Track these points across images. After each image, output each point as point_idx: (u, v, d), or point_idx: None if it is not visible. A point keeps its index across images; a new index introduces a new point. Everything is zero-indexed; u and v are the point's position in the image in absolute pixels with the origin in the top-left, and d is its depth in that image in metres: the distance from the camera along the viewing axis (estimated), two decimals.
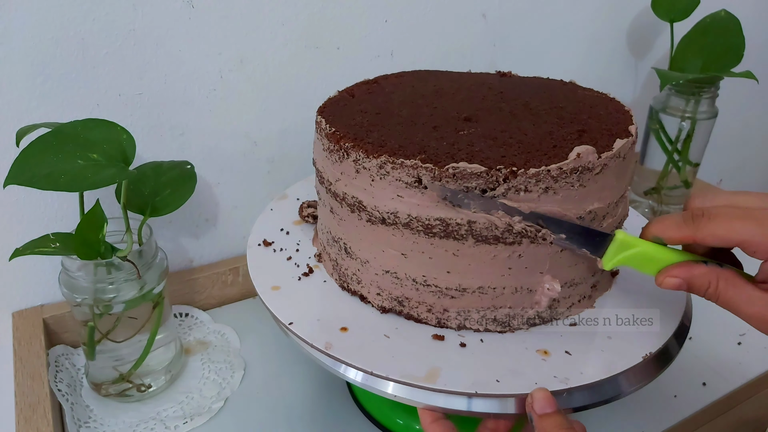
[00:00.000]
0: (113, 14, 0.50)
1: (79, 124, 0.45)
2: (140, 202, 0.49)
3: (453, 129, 0.39)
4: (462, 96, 0.45)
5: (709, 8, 0.72)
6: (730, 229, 0.32)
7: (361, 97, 0.46)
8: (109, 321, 0.47)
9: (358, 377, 0.36)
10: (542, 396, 0.34)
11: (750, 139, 1.11)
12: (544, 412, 0.33)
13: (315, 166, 0.45)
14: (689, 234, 0.33)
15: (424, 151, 0.36)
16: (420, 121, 0.41)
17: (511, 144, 0.37)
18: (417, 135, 0.38)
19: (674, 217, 0.35)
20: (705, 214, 0.33)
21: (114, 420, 0.49)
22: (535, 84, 0.49)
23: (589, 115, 0.41)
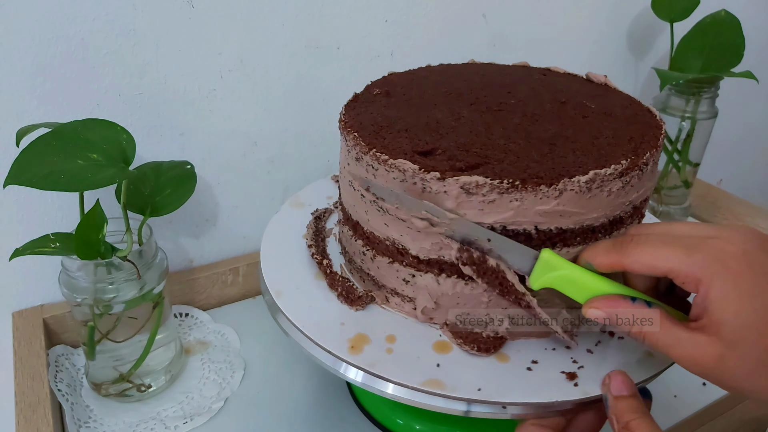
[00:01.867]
0: (113, 14, 0.50)
1: (79, 124, 0.45)
2: (140, 202, 0.49)
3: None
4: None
5: (709, 8, 0.72)
6: (656, 255, 0.31)
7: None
8: (109, 321, 0.47)
9: (359, 377, 0.36)
10: (620, 378, 0.33)
11: (750, 139, 1.11)
12: (620, 393, 0.33)
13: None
14: (616, 260, 0.32)
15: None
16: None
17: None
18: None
19: (605, 243, 0.34)
20: (633, 240, 0.32)
21: (114, 420, 0.49)
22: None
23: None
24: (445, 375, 0.36)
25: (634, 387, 0.33)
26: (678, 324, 0.31)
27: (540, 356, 0.37)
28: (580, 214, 0.35)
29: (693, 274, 0.30)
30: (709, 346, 0.29)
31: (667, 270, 0.31)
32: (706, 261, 0.30)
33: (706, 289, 0.30)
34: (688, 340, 0.30)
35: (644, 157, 0.36)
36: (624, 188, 0.35)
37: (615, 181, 0.34)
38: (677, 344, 0.30)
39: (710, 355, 0.29)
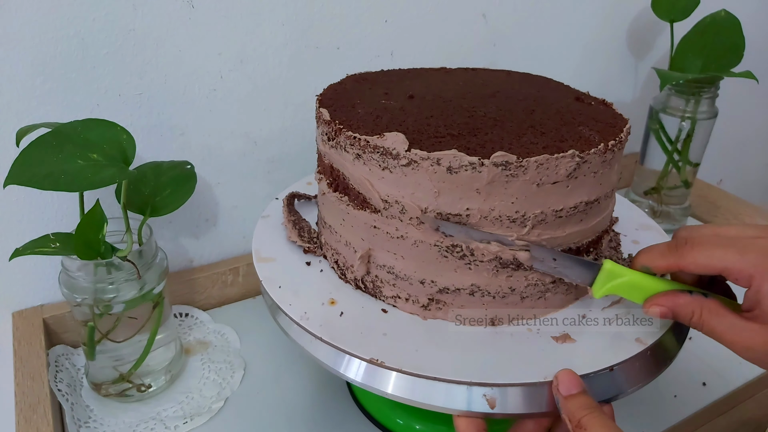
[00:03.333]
0: (113, 14, 0.50)
1: (79, 124, 0.45)
2: (140, 202, 0.49)
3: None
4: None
5: (709, 8, 0.72)
6: (711, 256, 0.34)
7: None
8: (109, 321, 0.47)
9: (358, 377, 0.36)
10: (567, 377, 0.34)
11: (750, 139, 1.11)
12: (569, 393, 0.33)
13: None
14: (673, 262, 0.35)
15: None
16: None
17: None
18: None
19: (660, 247, 0.36)
20: (688, 242, 0.35)
21: (114, 420, 0.49)
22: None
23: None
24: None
25: (582, 384, 0.34)
26: (733, 313, 0.34)
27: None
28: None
29: (746, 271, 0.33)
30: (762, 333, 0.32)
31: (722, 269, 0.33)
32: (758, 259, 0.32)
33: (758, 283, 0.32)
34: (742, 327, 0.33)
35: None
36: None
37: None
38: (733, 331, 0.33)
39: (763, 342, 0.32)
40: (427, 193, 0.36)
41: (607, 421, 0.32)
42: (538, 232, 0.37)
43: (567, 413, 0.33)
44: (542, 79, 0.51)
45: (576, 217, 0.38)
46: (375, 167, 0.37)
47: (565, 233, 0.38)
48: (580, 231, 0.39)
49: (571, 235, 0.39)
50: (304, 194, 0.53)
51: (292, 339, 0.40)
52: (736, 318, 0.33)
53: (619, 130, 0.40)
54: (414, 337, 0.38)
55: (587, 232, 0.40)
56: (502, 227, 0.36)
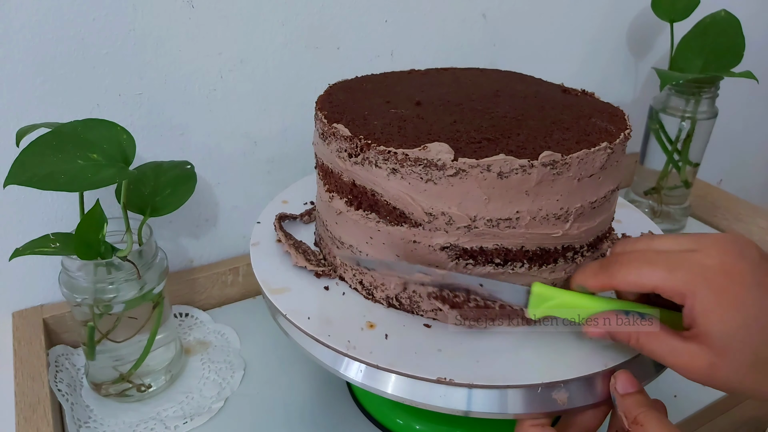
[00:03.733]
0: (113, 14, 0.50)
1: (79, 124, 0.45)
2: (140, 202, 0.49)
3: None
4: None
5: (709, 8, 0.72)
6: (640, 275, 0.33)
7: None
8: (109, 321, 0.47)
9: (359, 377, 0.36)
10: (625, 377, 0.35)
11: (750, 139, 1.11)
12: (626, 391, 0.34)
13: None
14: (605, 281, 0.34)
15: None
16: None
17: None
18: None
19: (593, 265, 0.36)
20: (617, 261, 0.34)
21: (114, 420, 0.49)
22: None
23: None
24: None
25: (638, 384, 0.34)
26: (672, 334, 0.33)
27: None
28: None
29: (677, 289, 0.32)
30: (701, 354, 0.31)
31: (652, 287, 0.32)
32: (688, 276, 0.31)
33: (691, 302, 0.31)
34: (681, 349, 0.32)
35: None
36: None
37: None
38: (672, 353, 0.32)
39: (702, 363, 0.31)
40: (476, 201, 0.35)
41: (662, 417, 0.33)
42: (578, 225, 0.38)
43: (624, 410, 0.33)
44: (518, 74, 0.52)
45: (604, 206, 0.39)
46: (416, 180, 0.36)
47: (596, 222, 0.39)
48: (605, 219, 0.40)
49: (600, 224, 0.40)
50: (289, 214, 0.50)
51: (292, 339, 0.40)
52: (675, 340, 0.32)
53: (621, 118, 0.41)
54: (463, 346, 0.38)
55: (608, 219, 0.42)
56: (548, 225, 0.37)
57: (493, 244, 0.37)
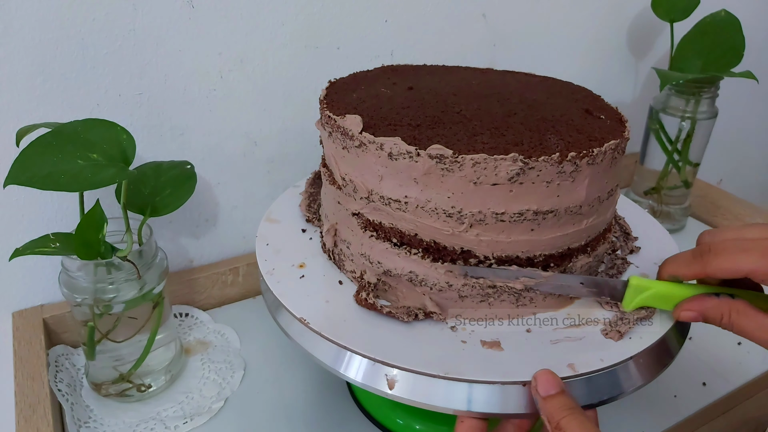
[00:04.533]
0: (113, 14, 0.50)
1: (79, 124, 0.45)
2: (140, 202, 0.49)
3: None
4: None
5: (709, 8, 0.72)
6: (735, 261, 0.34)
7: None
8: (109, 321, 0.47)
9: (359, 377, 0.36)
10: (545, 377, 0.33)
11: (750, 139, 1.11)
12: (548, 393, 0.33)
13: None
14: (699, 270, 0.36)
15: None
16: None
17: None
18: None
19: (685, 255, 0.38)
20: (711, 250, 0.35)
21: (114, 420, 0.49)
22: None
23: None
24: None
25: (561, 383, 0.33)
26: (761, 313, 0.35)
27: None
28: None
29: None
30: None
31: (748, 272, 0.34)
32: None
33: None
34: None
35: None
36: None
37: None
38: (761, 329, 0.34)
39: None
40: (373, 175, 0.38)
41: (586, 422, 0.31)
42: (477, 232, 0.37)
43: (546, 414, 0.32)
44: (553, 85, 0.49)
45: (523, 225, 0.36)
46: (339, 146, 0.40)
47: (509, 239, 0.37)
48: (528, 240, 0.37)
49: (516, 243, 0.37)
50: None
51: (292, 339, 0.40)
52: (764, 317, 0.34)
53: (599, 143, 0.37)
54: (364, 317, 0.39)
55: (539, 244, 0.38)
56: (438, 220, 0.37)
57: (389, 222, 0.39)
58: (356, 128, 0.37)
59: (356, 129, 0.37)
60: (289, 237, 0.48)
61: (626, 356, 0.37)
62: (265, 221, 0.49)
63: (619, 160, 0.39)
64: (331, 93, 0.44)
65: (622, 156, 0.40)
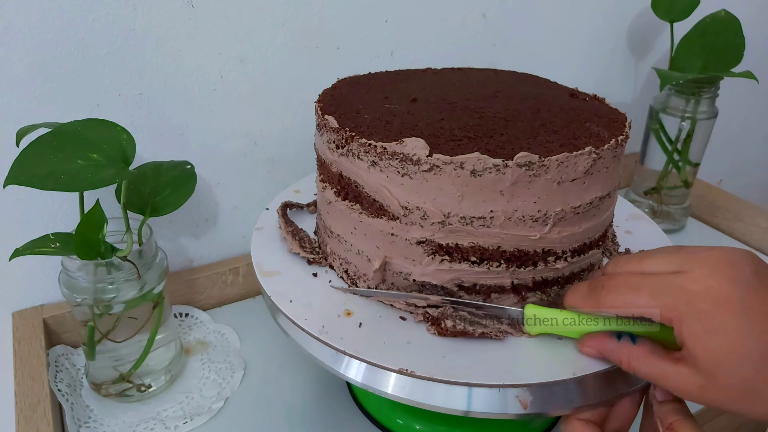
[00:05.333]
0: (113, 14, 0.50)
1: (79, 124, 0.45)
2: (140, 202, 0.49)
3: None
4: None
5: (709, 8, 0.72)
6: (626, 302, 0.33)
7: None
8: (109, 321, 0.47)
9: (359, 377, 0.36)
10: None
11: (750, 139, 1.11)
12: (664, 398, 0.35)
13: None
14: (594, 305, 0.35)
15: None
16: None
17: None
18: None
19: (582, 288, 0.36)
20: (605, 286, 0.34)
21: (114, 420, 0.49)
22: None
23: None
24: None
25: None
26: (663, 357, 0.33)
27: None
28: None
29: (663, 315, 0.32)
30: (691, 377, 0.31)
31: (640, 314, 0.33)
32: (672, 302, 0.31)
33: (678, 327, 0.31)
34: (672, 372, 0.32)
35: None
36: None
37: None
38: (663, 376, 0.32)
39: (693, 386, 0.31)
40: (450, 197, 0.36)
41: (697, 427, 0.33)
42: (558, 230, 0.37)
43: (660, 416, 0.34)
44: (532, 77, 0.51)
45: (591, 212, 0.39)
46: (393, 174, 0.36)
47: (581, 228, 0.39)
48: (594, 226, 0.40)
49: (587, 230, 0.39)
50: (296, 203, 0.52)
51: (292, 339, 0.40)
52: (666, 363, 0.32)
53: (621, 124, 0.41)
54: (436, 343, 0.38)
55: (598, 227, 0.41)
56: (525, 227, 0.37)
57: (468, 241, 0.37)
58: (423, 152, 0.35)
59: (423, 153, 0.35)
60: (306, 287, 0.43)
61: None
62: (264, 277, 0.44)
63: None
64: (341, 119, 0.40)
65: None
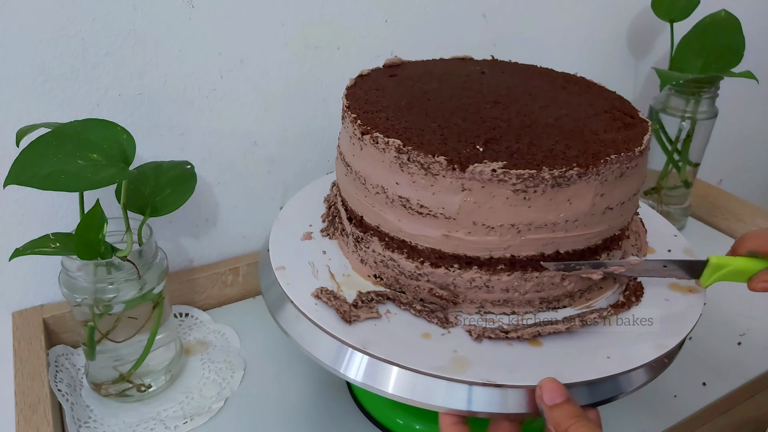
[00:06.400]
0: (113, 14, 0.50)
1: (79, 124, 0.45)
2: (140, 202, 0.49)
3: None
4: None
5: (709, 8, 0.72)
6: None
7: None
8: (109, 321, 0.47)
9: (359, 377, 0.36)
10: (551, 386, 0.33)
11: (750, 139, 1.11)
12: (553, 402, 0.32)
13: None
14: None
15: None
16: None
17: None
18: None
19: (764, 231, 0.39)
20: None
21: (114, 420, 0.49)
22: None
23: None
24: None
25: (566, 392, 0.33)
26: None
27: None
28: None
29: None
30: None
31: None
32: None
33: None
34: None
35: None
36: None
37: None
38: None
39: None
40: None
41: (594, 429, 0.31)
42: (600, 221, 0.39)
43: (553, 423, 0.32)
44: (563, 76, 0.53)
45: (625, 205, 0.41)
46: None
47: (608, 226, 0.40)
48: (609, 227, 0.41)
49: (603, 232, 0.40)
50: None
51: (292, 339, 0.40)
52: None
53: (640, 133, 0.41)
54: (448, 340, 0.38)
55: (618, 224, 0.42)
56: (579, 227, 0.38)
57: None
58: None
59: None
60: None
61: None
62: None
63: None
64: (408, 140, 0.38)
65: None
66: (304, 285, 0.42)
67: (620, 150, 0.37)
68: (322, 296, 0.40)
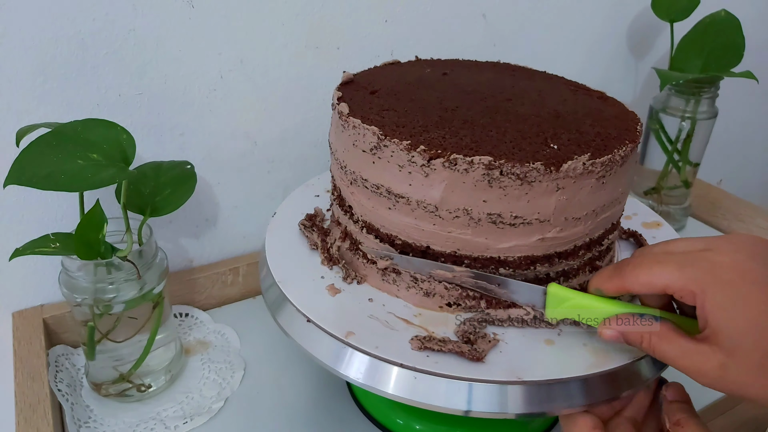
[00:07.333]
0: (113, 14, 0.50)
1: (79, 124, 0.45)
2: (140, 202, 0.49)
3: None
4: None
5: (709, 8, 0.72)
6: (650, 274, 0.33)
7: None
8: (109, 321, 0.47)
9: (359, 377, 0.36)
10: (677, 389, 0.38)
11: (750, 139, 1.11)
12: (674, 399, 0.37)
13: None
14: (619, 283, 0.34)
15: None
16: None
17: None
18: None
19: (607, 269, 0.36)
20: (630, 263, 0.34)
21: (114, 420, 0.49)
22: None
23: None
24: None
25: (688, 397, 0.37)
26: (683, 336, 0.32)
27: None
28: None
29: (687, 288, 0.32)
30: (711, 355, 0.30)
31: (663, 286, 0.32)
32: (698, 273, 0.31)
33: (701, 300, 0.31)
34: (692, 350, 0.31)
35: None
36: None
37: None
38: (683, 355, 0.32)
39: (713, 365, 0.30)
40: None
41: (702, 426, 0.34)
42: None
43: (668, 413, 0.36)
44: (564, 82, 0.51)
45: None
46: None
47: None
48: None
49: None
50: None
51: (292, 339, 0.40)
52: (687, 341, 0.32)
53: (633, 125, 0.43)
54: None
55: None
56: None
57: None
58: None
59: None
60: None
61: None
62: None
63: None
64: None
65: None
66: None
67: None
68: (431, 346, 0.37)
